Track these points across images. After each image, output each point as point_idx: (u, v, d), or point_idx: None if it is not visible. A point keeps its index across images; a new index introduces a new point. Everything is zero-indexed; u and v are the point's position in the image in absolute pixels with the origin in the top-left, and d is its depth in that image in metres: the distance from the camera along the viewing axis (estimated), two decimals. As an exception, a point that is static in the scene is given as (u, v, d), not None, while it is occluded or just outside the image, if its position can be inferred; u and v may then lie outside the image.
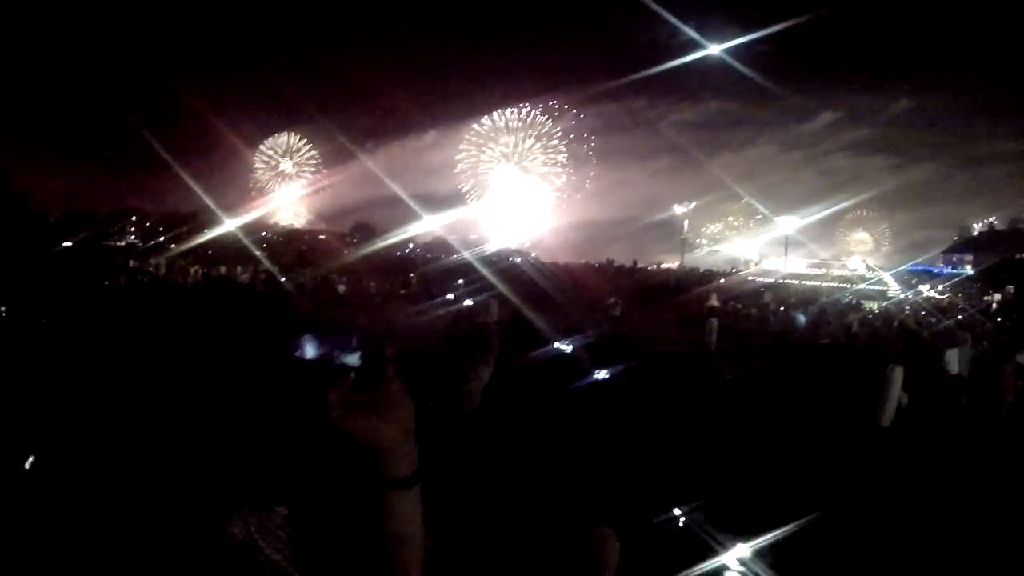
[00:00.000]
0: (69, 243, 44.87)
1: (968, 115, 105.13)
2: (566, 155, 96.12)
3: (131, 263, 40.46)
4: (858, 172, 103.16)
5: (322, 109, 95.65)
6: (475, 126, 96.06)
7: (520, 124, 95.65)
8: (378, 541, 1.82)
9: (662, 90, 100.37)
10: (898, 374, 15.62)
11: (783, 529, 7.56)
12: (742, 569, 7.08)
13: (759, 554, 7.21)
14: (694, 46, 72.37)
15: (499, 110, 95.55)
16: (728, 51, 73.13)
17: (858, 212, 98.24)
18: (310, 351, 1.70)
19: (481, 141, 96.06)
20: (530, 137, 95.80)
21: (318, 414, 1.69)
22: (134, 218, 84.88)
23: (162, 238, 68.85)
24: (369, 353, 1.73)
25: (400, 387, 1.79)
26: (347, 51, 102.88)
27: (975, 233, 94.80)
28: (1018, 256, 78.10)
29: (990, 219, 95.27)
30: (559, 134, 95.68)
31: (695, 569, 6.74)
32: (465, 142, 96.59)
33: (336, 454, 1.87)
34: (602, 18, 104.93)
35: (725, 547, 7.05)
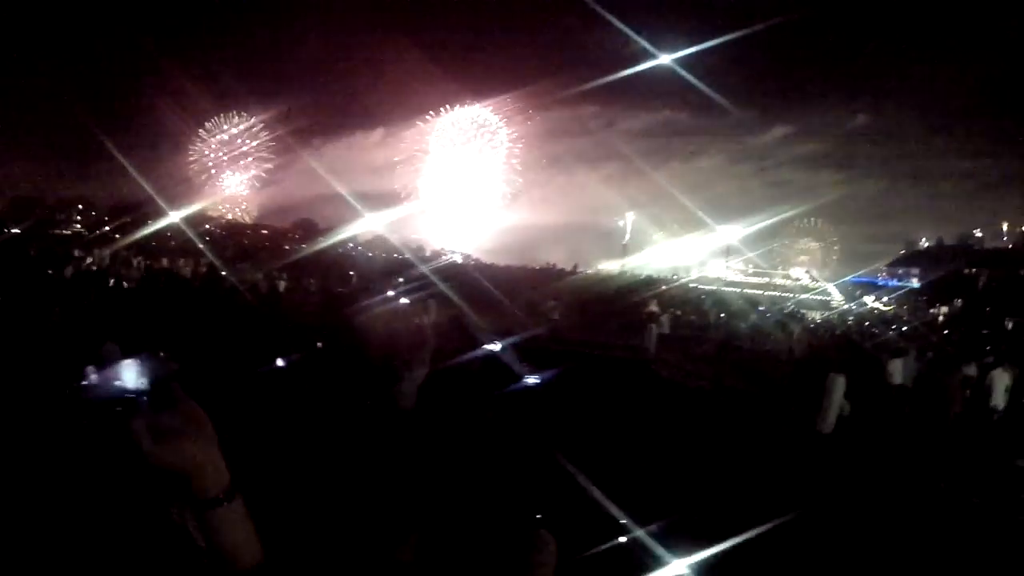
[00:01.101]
0: (17, 230, 44.65)
1: (920, 132, 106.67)
2: (514, 158, 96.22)
3: (76, 253, 39.99)
4: (806, 185, 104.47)
5: (269, 104, 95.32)
6: (420, 123, 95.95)
7: (469, 125, 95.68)
8: (213, 556, 1.72)
9: (614, 98, 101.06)
10: (839, 382, 15.48)
11: (722, 544, 7.34)
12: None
13: (698, 570, 6.99)
14: (648, 55, 72.74)
15: (448, 110, 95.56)
16: (682, 61, 73.46)
17: (803, 223, 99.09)
18: (99, 380, 1.65)
19: (427, 141, 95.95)
20: (478, 138, 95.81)
21: (125, 446, 1.59)
22: (80, 206, 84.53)
23: (107, 227, 68.42)
24: (155, 375, 1.64)
25: (194, 404, 1.70)
26: (297, 48, 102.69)
27: (923, 247, 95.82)
28: (965, 271, 79.14)
29: (937, 235, 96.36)
30: (511, 135, 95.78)
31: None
32: (410, 141, 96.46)
33: (146, 482, 1.76)
34: (556, 24, 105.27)
35: (663, 563, 6.82)
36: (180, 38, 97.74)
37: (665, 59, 72.31)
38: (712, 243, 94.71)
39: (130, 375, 1.62)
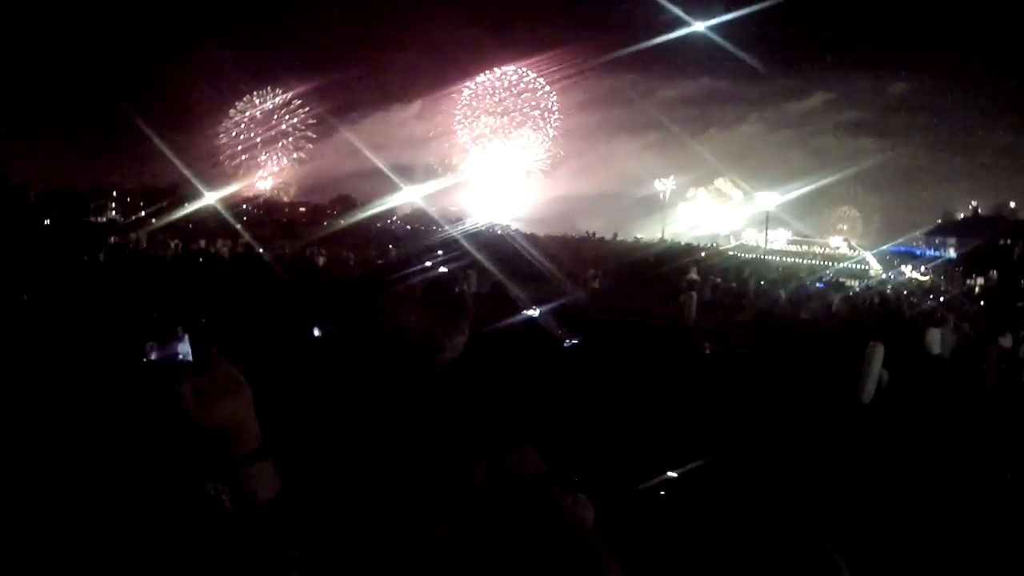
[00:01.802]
0: (49, 220, 44.87)
1: (963, 100, 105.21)
2: (553, 127, 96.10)
3: (112, 239, 40.35)
4: (846, 152, 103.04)
5: (305, 79, 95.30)
6: (458, 95, 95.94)
7: (508, 94, 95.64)
8: (241, 515, 1.81)
9: (653, 65, 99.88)
10: (878, 351, 15.44)
11: (756, 507, 7.38)
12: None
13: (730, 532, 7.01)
14: (687, 22, 72.24)
15: (486, 77, 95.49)
16: (722, 28, 73.05)
17: (842, 191, 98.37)
18: (155, 353, 1.68)
19: (466, 112, 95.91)
20: (519, 105, 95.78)
21: (170, 410, 1.68)
22: (114, 193, 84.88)
23: (142, 213, 68.80)
24: (197, 342, 1.72)
25: (232, 367, 1.80)
26: (332, 21, 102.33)
27: (959, 217, 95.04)
28: (1002, 241, 78.45)
29: (973, 203, 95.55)
30: (551, 104, 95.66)
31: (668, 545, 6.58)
32: (448, 113, 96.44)
33: (185, 446, 1.81)
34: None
35: (698, 525, 6.88)
36: (211, 15, 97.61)
37: (705, 26, 72.06)
38: (751, 211, 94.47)
39: (173, 344, 1.68)
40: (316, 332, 4.00)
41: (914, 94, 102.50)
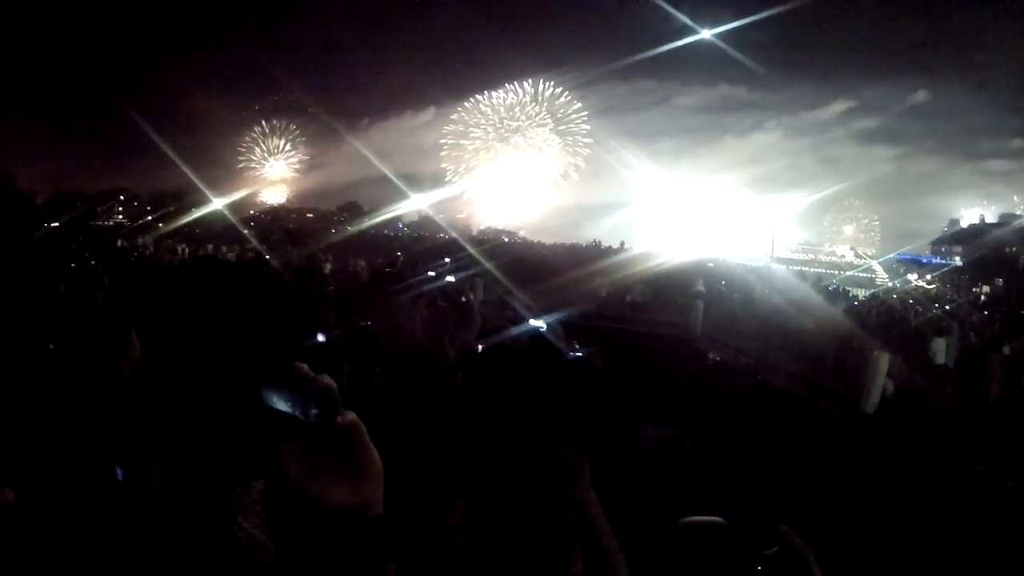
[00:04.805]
0: (56, 224, 44.95)
1: (972, 107, 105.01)
2: (563, 136, 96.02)
3: (119, 243, 40.44)
4: (859, 161, 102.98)
5: (314, 86, 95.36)
6: (471, 102, 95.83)
7: (516, 101, 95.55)
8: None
9: (670, 72, 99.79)
10: (883, 361, 15.46)
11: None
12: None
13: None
14: (704, 29, 72.24)
15: (497, 88, 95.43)
16: (741, 34, 73.01)
17: (851, 200, 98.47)
18: (276, 401, 1.45)
19: (474, 120, 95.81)
20: (526, 117, 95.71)
21: (273, 468, 1.46)
22: (122, 198, 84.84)
23: (150, 217, 68.73)
24: (326, 414, 1.45)
25: (371, 450, 1.52)
26: (342, 27, 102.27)
27: (965, 225, 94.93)
28: (1007, 249, 78.29)
29: (980, 212, 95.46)
30: (569, 113, 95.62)
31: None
32: (458, 121, 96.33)
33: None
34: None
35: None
36: (221, 20, 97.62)
37: (722, 32, 72.05)
38: (761, 219, 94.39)
39: (305, 406, 1.54)
40: (320, 338, 4.06)
41: (938, 101, 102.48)
